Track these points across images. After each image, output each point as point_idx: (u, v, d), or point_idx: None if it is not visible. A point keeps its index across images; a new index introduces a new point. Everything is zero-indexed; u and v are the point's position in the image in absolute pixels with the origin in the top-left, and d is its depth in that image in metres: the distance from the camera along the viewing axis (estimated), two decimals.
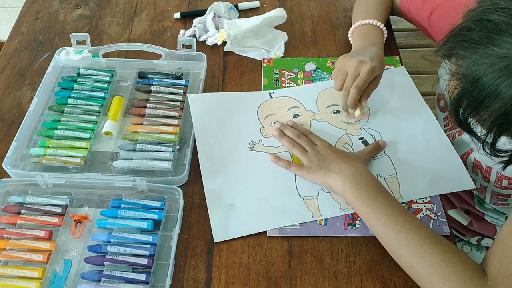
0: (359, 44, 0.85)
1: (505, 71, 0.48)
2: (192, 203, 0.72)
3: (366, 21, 0.87)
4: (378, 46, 0.83)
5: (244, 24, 0.93)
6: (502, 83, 0.48)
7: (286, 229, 0.69)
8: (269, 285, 0.64)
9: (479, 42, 0.50)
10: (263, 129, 0.81)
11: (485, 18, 0.51)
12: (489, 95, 0.49)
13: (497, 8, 0.50)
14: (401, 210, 0.64)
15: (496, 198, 0.82)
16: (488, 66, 0.49)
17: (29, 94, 0.86)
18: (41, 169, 0.74)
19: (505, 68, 0.48)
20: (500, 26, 0.49)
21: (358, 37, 0.87)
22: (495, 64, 0.48)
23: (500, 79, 0.48)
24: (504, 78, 0.48)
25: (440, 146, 0.78)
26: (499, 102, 0.49)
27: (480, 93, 0.50)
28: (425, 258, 0.59)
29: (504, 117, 0.49)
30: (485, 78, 0.49)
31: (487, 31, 0.50)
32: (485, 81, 0.49)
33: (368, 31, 0.86)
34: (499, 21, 0.49)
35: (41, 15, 1.02)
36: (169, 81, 0.85)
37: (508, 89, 0.48)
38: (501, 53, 0.48)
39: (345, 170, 0.69)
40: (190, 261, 0.66)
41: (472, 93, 0.51)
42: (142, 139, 0.77)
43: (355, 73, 0.76)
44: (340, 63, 0.79)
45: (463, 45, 0.52)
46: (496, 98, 0.49)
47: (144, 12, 1.03)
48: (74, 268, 0.64)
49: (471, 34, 0.51)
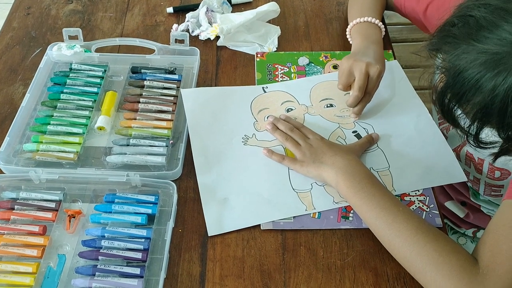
0: (359, 43, 0.84)
1: (485, 66, 0.49)
2: (186, 197, 0.72)
3: (363, 19, 0.86)
4: (378, 45, 0.83)
5: (237, 18, 0.93)
6: (482, 77, 0.49)
7: (280, 222, 0.69)
8: (263, 278, 0.64)
9: (461, 38, 0.52)
10: (256, 123, 0.81)
11: (467, 14, 0.52)
12: (470, 88, 0.51)
13: (479, 4, 0.52)
14: (394, 201, 0.65)
15: (489, 190, 0.83)
16: (469, 61, 0.50)
17: (22, 90, 0.86)
18: (34, 164, 0.74)
19: (484, 63, 0.49)
20: (481, 22, 0.50)
21: (358, 35, 0.86)
22: (476, 59, 0.50)
23: (480, 73, 0.49)
24: (484, 73, 0.49)
25: (432, 139, 0.79)
26: (480, 95, 0.50)
27: (462, 86, 0.51)
28: (418, 248, 0.60)
29: (485, 110, 0.51)
30: (466, 73, 0.51)
31: (468, 27, 0.52)
32: (466, 75, 0.51)
33: (367, 29, 0.86)
34: (480, 17, 0.51)
35: (33, 10, 1.01)
36: (162, 76, 0.85)
37: (487, 83, 0.49)
38: (481, 48, 0.50)
39: (338, 162, 0.69)
40: (185, 255, 0.66)
41: (455, 87, 0.52)
42: (135, 134, 0.77)
43: (365, 75, 0.76)
44: (345, 64, 0.78)
45: (446, 40, 0.53)
46: (477, 92, 0.50)
47: (136, 7, 1.02)
48: (69, 263, 0.64)
49: (454, 29, 0.53)
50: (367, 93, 0.78)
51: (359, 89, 0.76)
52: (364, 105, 0.79)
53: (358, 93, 0.77)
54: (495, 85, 0.49)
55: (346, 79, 0.78)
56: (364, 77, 0.76)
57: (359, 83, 0.76)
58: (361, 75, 0.76)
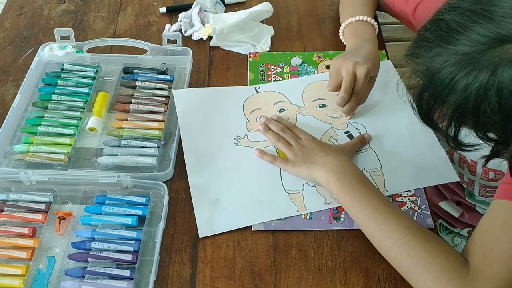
0: (353, 42, 0.84)
1: (456, 66, 0.50)
2: (177, 198, 0.72)
3: (356, 18, 0.86)
4: (372, 43, 0.82)
5: (230, 18, 0.93)
6: (454, 77, 0.50)
7: (271, 223, 0.69)
8: (254, 279, 0.64)
9: (433, 41, 0.53)
10: (248, 123, 0.81)
11: (439, 18, 0.53)
12: (444, 89, 0.51)
13: (449, 8, 0.53)
14: (385, 202, 0.64)
15: (484, 191, 0.83)
16: (441, 62, 0.51)
17: (13, 91, 0.85)
18: (24, 166, 0.73)
19: (455, 64, 0.50)
20: (451, 25, 0.51)
21: (351, 35, 0.85)
22: (447, 61, 0.51)
23: (452, 73, 0.50)
24: (456, 72, 0.50)
25: (424, 139, 0.78)
26: (453, 95, 0.51)
27: (436, 88, 0.52)
28: (408, 248, 0.60)
29: (459, 110, 0.51)
30: (439, 74, 0.51)
31: (440, 30, 0.53)
32: (440, 76, 0.51)
33: (361, 28, 0.85)
34: (449, 20, 0.52)
35: (25, 11, 1.01)
36: (154, 76, 0.85)
37: (460, 83, 0.50)
38: (452, 49, 0.50)
39: (329, 162, 0.69)
40: (175, 257, 0.66)
41: (430, 88, 0.53)
42: (127, 135, 0.77)
43: (351, 76, 0.75)
44: (334, 64, 0.78)
45: (421, 44, 0.54)
46: (450, 92, 0.51)
47: (129, 7, 1.02)
48: (58, 265, 0.64)
49: (427, 34, 0.54)
50: (354, 93, 0.77)
51: (345, 90, 0.76)
52: (353, 105, 0.78)
53: (344, 95, 0.76)
54: (467, 84, 0.49)
55: (335, 80, 0.77)
56: (350, 77, 0.75)
57: (345, 84, 0.76)
58: (347, 76, 0.75)
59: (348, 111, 0.79)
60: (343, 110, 0.79)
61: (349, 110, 0.79)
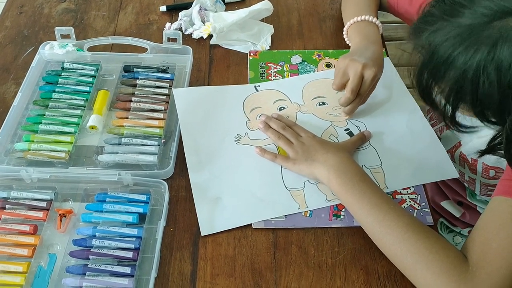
0: (359, 43, 0.82)
1: (457, 39, 0.50)
2: (178, 196, 0.72)
3: (361, 18, 0.84)
4: (378, 45, 0.81)
5: (230, 17, 0.93)
6: (454, 51, 0.50)
7: (272, 221, 0.69)
8: (254, 276, 0.64)
9: (437, 15, 0.53)
10: (249, 122, 0.81)
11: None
12: (444, 63, 0.51)
13: None
14: (385, 199, 0.64)
15: (486, 189, 0.83)
16: (443, 35, 0.51)
17: (14, 89, 0.85)
18: (25, 163, 0.73)
19: (456, 37, 0.50)
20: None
21: (356, 35, 0.84)
22: (449, 33, 0.50)
23: (453, 47, 0.50)
24: (457, 46, 0.50)
25: (424, 136, 0.79)
26: (452, 70, 0.50)
27: (437, 62, 0.51)
28: (408, 245, 0.60)
29: (458, 85, 0.51)
30: (440, 47, 0.51)
31: (444, 4, 0.53)
32: (440, 49, 0.51)
33: (365, 28, 0.84)
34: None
35: (26, 9, 1.01)
36: (154, 75, 0.85)
37: (459, 57, 0.49)
38: (455, 22, 0.50)
39: (329, 160, 0.69)
40: (176, 254, 0.66)
41: (430, 64, 0.52)
42: (127, 133, 0.77)
43: (359, 78, 0.75)
44: (341, 64, 0.77)
45: (425, 20, 0.54)
46: (450, 66, 0.50)
47: (129, 6, 1.02)
48: (59, 262, 0.64)
49: (432, 9, 0.54)
50: (359, 95, 0.77)
51: (351, 91, 0.75)
52: (355, 106, 0.78)
53: (350, 95, 0.75)
54: (466, 59, 0.49)
55: (340, 79, 0.76)
56: (358, 79, 0.75)
57: (352, 85, 0.75)
58: (355, 77, 0.75)
59: (350, 111, 0.79)
60: (345, 110, 0.79)
61: (351, 111, 0.79)
